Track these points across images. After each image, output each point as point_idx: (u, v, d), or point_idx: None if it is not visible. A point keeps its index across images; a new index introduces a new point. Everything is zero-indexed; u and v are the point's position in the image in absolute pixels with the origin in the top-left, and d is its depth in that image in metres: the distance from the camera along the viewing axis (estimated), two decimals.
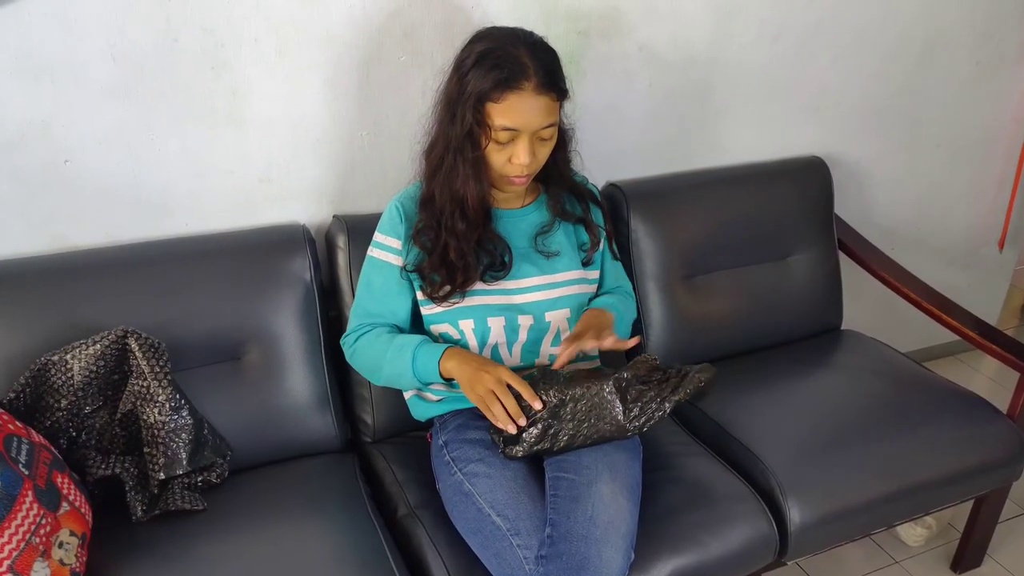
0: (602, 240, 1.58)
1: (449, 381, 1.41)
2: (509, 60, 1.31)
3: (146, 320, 1.43)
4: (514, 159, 1.36)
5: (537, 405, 1.32)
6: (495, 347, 1.48)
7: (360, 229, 1.61)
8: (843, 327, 2.11)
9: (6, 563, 1.09)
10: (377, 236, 1.49)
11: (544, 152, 1.40)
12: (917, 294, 1.97)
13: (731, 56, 1.98)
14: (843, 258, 2.11)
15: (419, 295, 1.47)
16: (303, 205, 1.69)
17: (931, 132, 2.36)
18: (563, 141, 1.48)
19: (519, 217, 1.52)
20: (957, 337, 1.91)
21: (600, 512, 1.25)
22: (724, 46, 1.96)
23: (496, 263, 1.46)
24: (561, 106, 1.39)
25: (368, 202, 1.73)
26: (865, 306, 2.21)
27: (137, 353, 1.37)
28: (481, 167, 1.38)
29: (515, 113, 1.31)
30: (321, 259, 1.65)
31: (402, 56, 1.65)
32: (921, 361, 1.99)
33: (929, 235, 2.51)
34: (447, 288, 1.42)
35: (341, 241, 1.62)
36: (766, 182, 2.04)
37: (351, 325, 1.51)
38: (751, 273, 1.97)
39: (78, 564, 1.21)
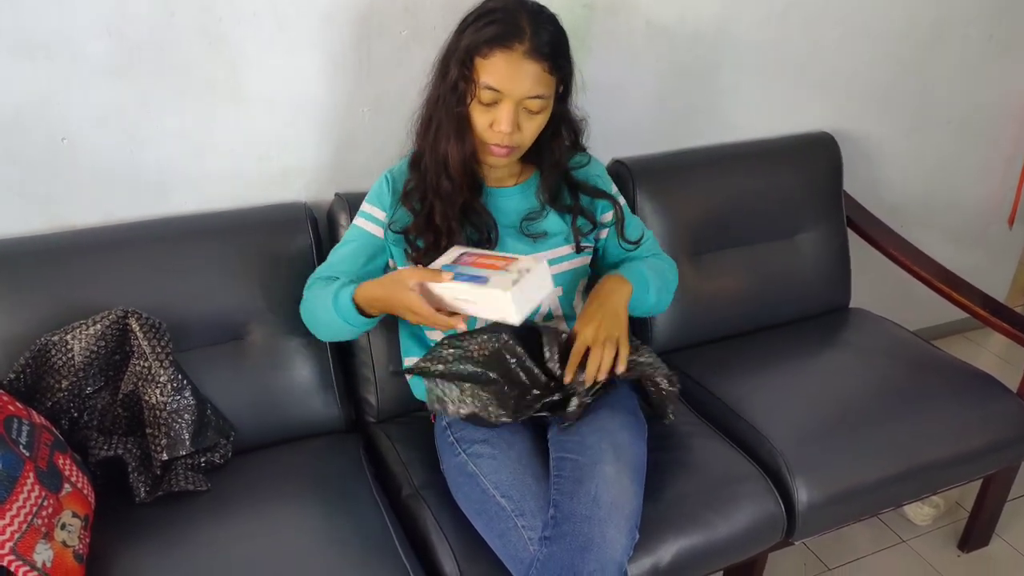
0: (589, 234, 1.51)
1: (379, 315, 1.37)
2: (506, 19, 1.27)
3: (147, 300, 1.42)
4: (495, 124, 1.31)
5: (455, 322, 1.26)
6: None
7: None
8: (851, 305, 2.09)
9: (8, 545, 1.09)
10: (364, 206, 1.47)
11: (531, 127, 1.34)
12: (926, 272, 1.96)
13: (740, 32, 1.95)
14: (851, 235, 2.09)
15: (402, 264, 1.44)
16: (304, 183, 1.67)
17: (941, 108, 2.33)
18: (563, 129, 1.43)
19: (507, 196, 1.48)
20: (966, 315, 1.89)
21: (604, 492, 1.24)
22: (733, 21, 1.93)
23: (482, 238, 1.43)
24: (560, 86, 1.35)
25: (370, 180, 1.69)
26: (873, 284, 2.19)
27: (138, 333, 1.36)
28: (464, 126, 1.33)
29: (500, 73, 1.27)
30: (323, 237, 1.63)
31: (403, 31, 1.62)
32: (929, 339, 1.97)
33: (938, 212, 2.49)
34: (432, 254, 1.38)
35: (343, 219, 1.60)
36: (774, 159, 2.01)
37: (311, 278, 1.47)
38: (759, 251, 1.95)
39: (81, 546, 1.21)
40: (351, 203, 1.60)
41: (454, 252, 1.34)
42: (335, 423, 1.61)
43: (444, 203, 1.38)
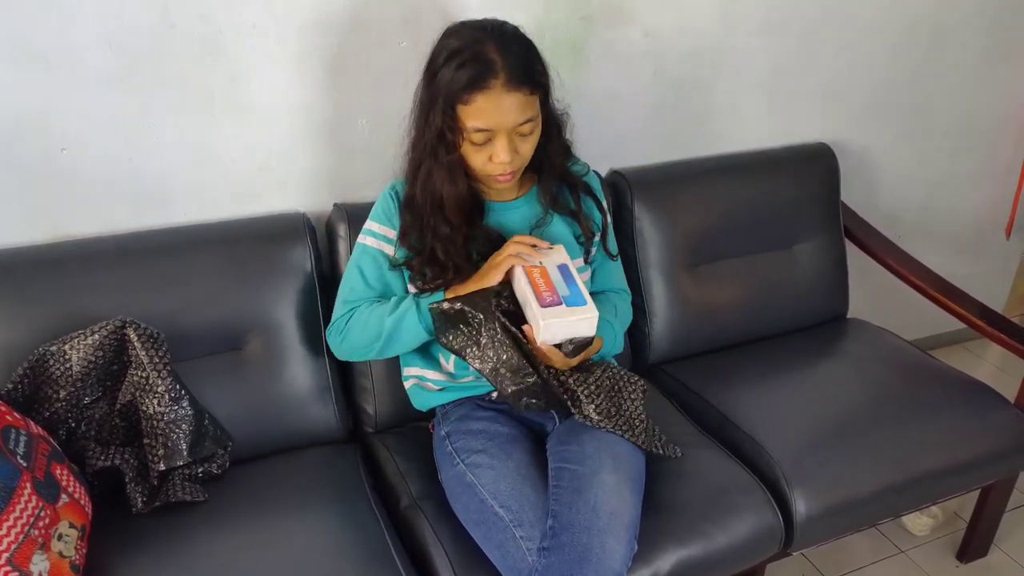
0: (595, 235, 1.52)
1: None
2: (475, 58, 1.25)
3: (145, 310, 1.42)
4: (494, 158, 1.31)
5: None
6: None
7: (361, 218, 1.58)
8: (849, 316, 2.09)
9: (5, 556, 1.08)
10: (371, 224, 1.45)
11: (527, 147, 1.35)
12: (923, 282, 1.96)
13: (737, 42, 1.95)
14: (849, 246, 2.10)
15: (410, 287, 1.45)
16: (303, 193, 1.68)
17: (938, 119, 2.33)
18: (553, 131, 1.42)
19: (512, 209, 1.47)
20: (963, 325, 1.90)
21: (603, 502, 1.24)
22: (730, 32, 1.93)
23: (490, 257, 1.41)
24: (543, 97, 1.34)
25: (369, 190, 1.70)
26: (871, 294, 2.19)
27: (136, 343, 1.36)
28: (458, 170, 1.34)
29: (486, 114, 1.26)
30: (322, 248, 1.63)
31: (402, 42, 1.62)
32: (927, 349, 1.97)
33: (936, 223, 2.49)
34: (439, 282, 1.39)
35: (342, 230, 1.60)
36: (772, 169, 2.02)
37: (337, 313, 1.46)
38: (756, 261, 1.95)
39: (78, 556, 1.20)
40: (349, 213, 1.60)
41: (558, 252, 1.39)
42: (333, 433, 1.61)
43: (445, 244, 1.38)
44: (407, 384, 1.55)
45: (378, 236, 1.44)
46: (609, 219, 1.56)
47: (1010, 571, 1.97)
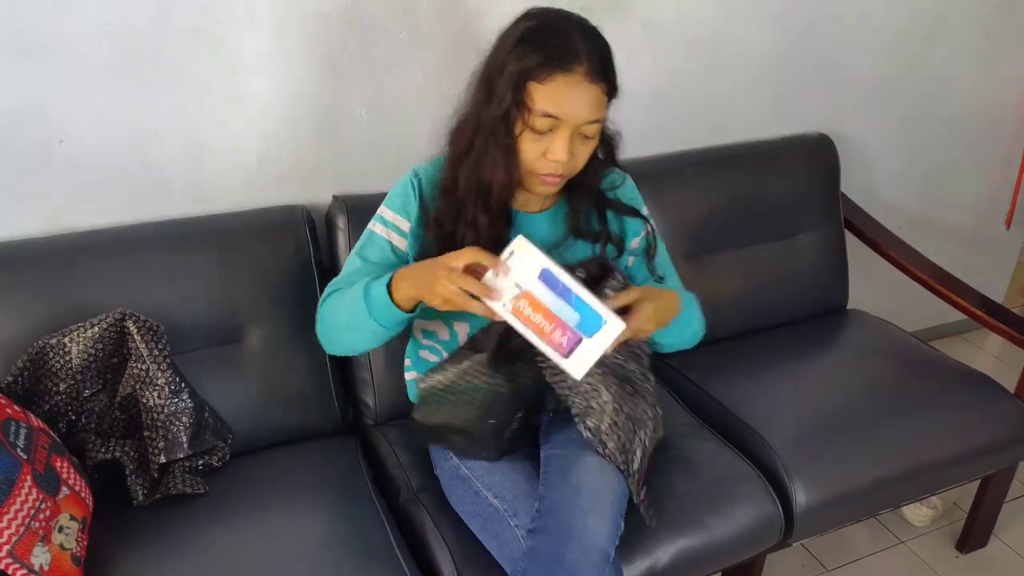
0: (637, 257, 1.38)
1: (413, 310, 1.21)
2: (561, 38, 1.15)
3: (144, 302, 1.42)
4: (549, 154, 1.18)
5: (494, 266, 1.10)
6: None
7: (360, 209, 1.59)
8: (849, 307, 2.09)
9: (5, 548, 1.08)
10: (385, 212, 1.33)
11: (584, 153, 1.23)
12: (923, 273, 1.96)
13: (737, 32, 1.95)
14: (849, 237, 2.09)
15: None
16: (302, 186, 1.67)
17: (938, 110, 2.33)
18: (600, 144, 1.29)
19: (534, 223, 1.35)
20: (963, 316, 1.90)
21: (586, 482, 1.24)
22: (730, 22, 1.93)
23: None
24: (608, 105, 1.22)
25: (368, 182, 1.70)
26: (871, 285, 2.19)
27: (136, 336, 1.36)
28: (513, 155, 1.20)
29: (560, 98, 1.15)
30: (321, 240, 1.63)
31: (401, 32, 1.62)
32: (927, 340, 1.97)
33: (935, 213, 2.49)
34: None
35: (341, 222, 1.59)
36: (771, 160, 2.02)
37: (328, 289, 1.33)
38: (756, 252, 1.95)
39: (79, 548, 1.20)
40: (349, 205, 1.60)
41: (529, 253, 1.11)
42: (333, 426, 1.61)
43: (478, 235, 1.25)
44: (407, 376, 1.55)
45: (389, 225, 1.32)
46: (658, 236, 1.42)
47: (1010, 561, 1.97)
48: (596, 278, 1.21)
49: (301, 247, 1.56)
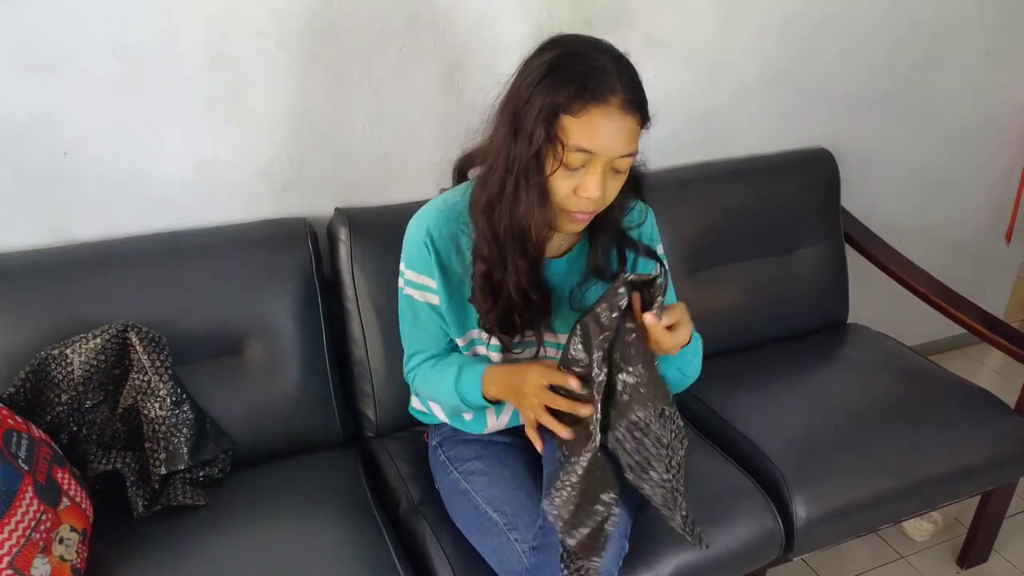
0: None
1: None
2: (592, 68, 1.08)
3: (147, 314, 1.42)
4: (580, 191, 1.12)
5: (584, 412, 1.12)
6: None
7: (362, 222, 1.60)
8: (849, 321, 2.09)
9: (6, 559, 1.09)
10: (408, 273, 1.29)
11: (615, 188, 1.16)
12: (924, 287, 1.96)
13: (737, 47, 1.96)
14: (849, 251, 2.10)
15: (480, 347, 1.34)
16: (305, 198, 1.68)
17: (939, 124, 2.34)
18: (631, 182, 1.22)
19: (556, 267, 1.30)
20: (964, 331, 1.90)
21: None
22: (730, 36, 1.94)
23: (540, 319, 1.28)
24: (640, 136, 1.16)
25: (370, 195, 1.71)
26: (871, 300, 2.19)
27: (138, 347, 1.36)
28: (547, 195, 1.13)
29: (595, 132, 1.08)
30: (323, 252, 1.63)
31: (404, 46, 1.63)
32: (927, 355, 1.97)
33: (936, 228, 2.50)
34: (518, 343, 1.28)
35: (343, 234, 1.60)
36: (772, 174, 2.02)
37: (408, 357, 1.39)
38: (756, 267, 1.95)
39: (79, 560, 1.21)
40: (351, 218, 1.60)
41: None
42: (334, 438, 1.61)
43: (519, 278, 1.20)
44: (413, 402, 1.54)
45: (419, 287, 1.29)
46: (669, 278, 1.35)
47: None
48: (639, 286, 1.16)
49: (303, 259, 1.57)
